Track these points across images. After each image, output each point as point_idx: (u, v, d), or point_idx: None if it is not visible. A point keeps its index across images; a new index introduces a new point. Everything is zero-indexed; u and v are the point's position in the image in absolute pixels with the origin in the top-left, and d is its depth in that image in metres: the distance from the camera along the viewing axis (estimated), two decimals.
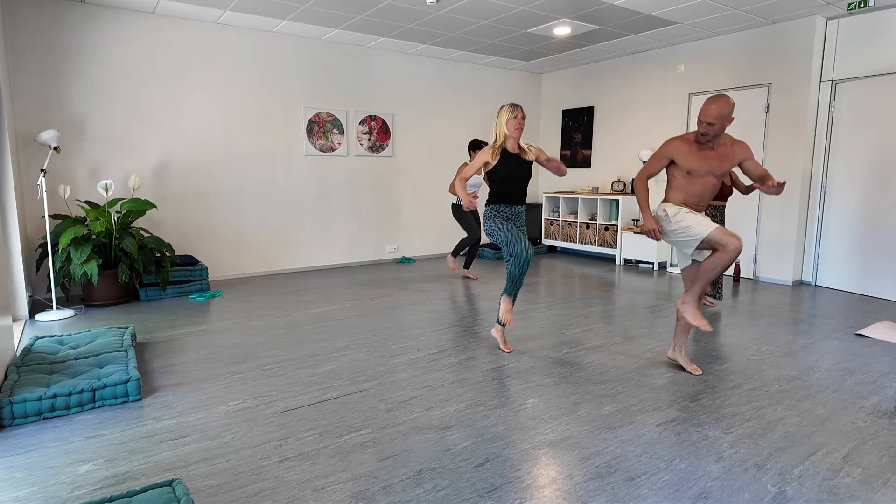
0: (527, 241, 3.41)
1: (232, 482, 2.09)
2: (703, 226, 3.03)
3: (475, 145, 5.67)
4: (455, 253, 5.97)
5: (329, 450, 2.33)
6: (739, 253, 2.99)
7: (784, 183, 3.06)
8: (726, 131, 4.28)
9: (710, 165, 3.07)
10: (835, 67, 5.41)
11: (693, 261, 3.27)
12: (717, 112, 2.92)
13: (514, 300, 3.54)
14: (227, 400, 2.84)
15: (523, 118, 3.33)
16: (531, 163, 3.43)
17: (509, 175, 3.39)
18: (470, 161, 5.70)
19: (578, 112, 7.89)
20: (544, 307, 4.77)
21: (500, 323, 3.58)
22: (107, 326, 3.85)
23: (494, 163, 3.37)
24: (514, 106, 3.32)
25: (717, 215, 4.48)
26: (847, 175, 5.44)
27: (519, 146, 3.41)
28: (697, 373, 3.24)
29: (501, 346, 3.61)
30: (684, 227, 3.10)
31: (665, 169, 3.22)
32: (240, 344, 3.78)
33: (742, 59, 5.93)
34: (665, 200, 3.23)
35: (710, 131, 2.98)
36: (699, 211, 3.18)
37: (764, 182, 3.10)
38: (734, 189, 4.55)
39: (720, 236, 2.99)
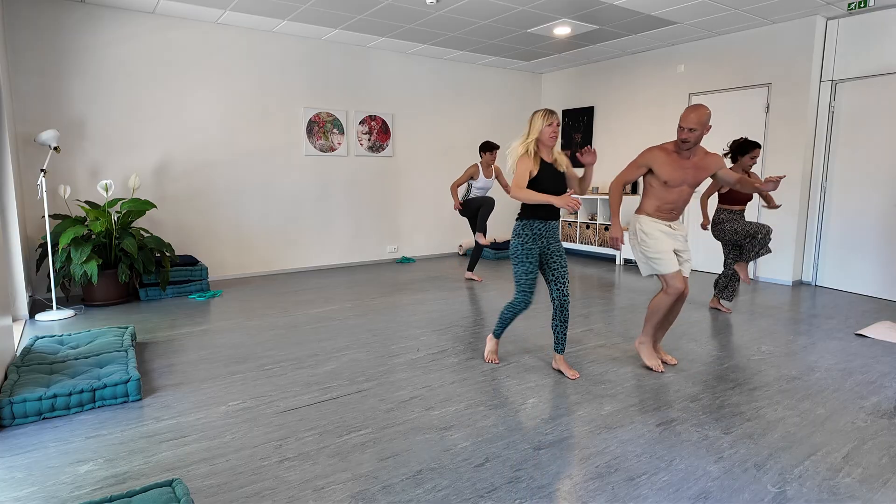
0: (564, 282, 3.11)
1: (232, 482, 2.09)
2: (664, 263, 3.15)
3: (487, 147, 5.57)
4: (481, 228, 5.72)
5: (329, 450, 2.33)
6: (678, 298, 3.17)
7: (782, 177, 3.15)
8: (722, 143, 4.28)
9: (686, 175, 3.16)
10: (835, 67, 5.41)
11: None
12: (698, 119, 3.02)
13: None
14: (227, 400, 2.84)
15: (559, 125, 3.05)
16: (564, 174, 3.11)
17: (548, 185, 3.04)
18: (480, 162, 5.62)
19: (578, 112, 7.89)
20: (544, 307, 4.77)
21: (494, 335, 3.43)
22: (107, 326, 3.85)
23: (536, 172, 3.03)
24: (550, 112, 3.02)
25: (738, 219, 4.43)
26: (847, 175, 5.44)
27: (552, 155, 3.11)
28: (673, 362, 3.37)
29: (489, 357, 3.42)
30: (648, 257, 3.20)
31: (642, 177, 3.29)
32: (240, 344, 3.78)
33: (742, 59, 5.93)
34: (640, 209, 3.28)
35: (692, 137, 3.05)
36: (674, 220, 3.26)
37: (741, 184, 3.24)
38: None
39: (671, 279, 3.14)
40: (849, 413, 2.70)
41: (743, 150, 4.30)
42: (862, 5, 4.97)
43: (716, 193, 4.59)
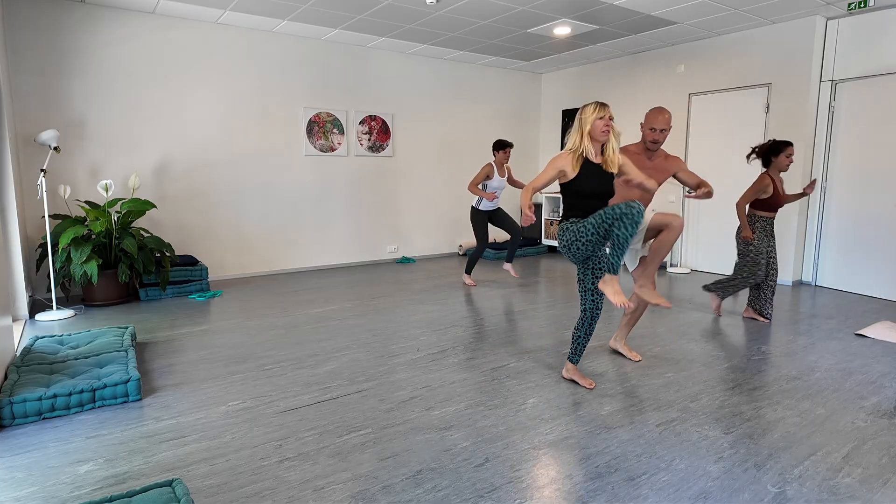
0: (601, 295, 2.94)
1: (232, 482, 2.09)
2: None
3: (500, 146, 5.38)
4: (469, 269, 5.73)
5: (329, 450, 2.33)
6: (682, 229, 3.16)
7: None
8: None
9: (648, 175, 3.23)
10: (835, 67, 5.41)
11: (641, 259, 3.42)
12: (667, 121, 3.20)
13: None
14: (227, 400, 2.84)
15: (611, 119, 2.80)
16: (613, 175, 2.86)
17: (587, 190, 2.81)
18: (494, 161, 5.40)
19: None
20: (544, 307, 4.77)
21: (570, 360, 3.09)
22: (107, 326, 3.85)
23: (574, 174, 2.79)
24: (602, 105, 2.78)
25: (769, 227, 4.24)
26: (847, 175, 5.44)
27: (602, 154, 2.86)
28: (637, 359, 3.42)
29: (582, 383, 3.03)
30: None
31: None
32: (240, 344, 3.78)
33: (742, 59, 5.93)
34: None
35: (662, 138, 3.22)
36: None
37: (700, 188, 3.29)
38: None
39: (661, 218, 3.18)
40: (849, 413, 2.70)
41: (776, 150, 4.06)
42: (862, 5, 4.97)
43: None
